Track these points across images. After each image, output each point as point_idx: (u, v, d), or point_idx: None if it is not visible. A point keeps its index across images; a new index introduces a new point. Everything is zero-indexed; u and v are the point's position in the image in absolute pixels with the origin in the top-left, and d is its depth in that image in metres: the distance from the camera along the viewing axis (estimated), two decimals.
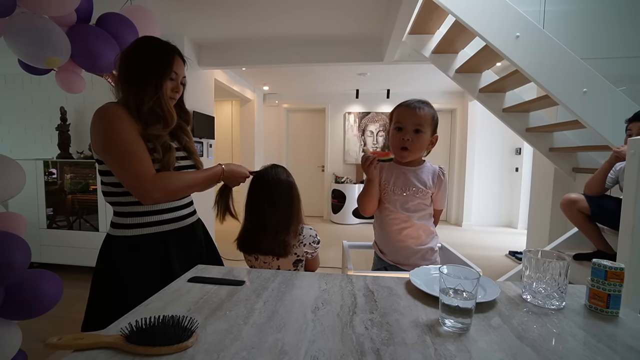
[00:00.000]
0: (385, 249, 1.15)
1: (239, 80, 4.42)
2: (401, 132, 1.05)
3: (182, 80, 0.99)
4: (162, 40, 0.97)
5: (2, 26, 1.27)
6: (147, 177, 0.87)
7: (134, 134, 0.88)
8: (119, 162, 0.87)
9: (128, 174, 0.87)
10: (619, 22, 2.50)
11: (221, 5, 2.44)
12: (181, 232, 1.02)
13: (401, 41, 2.58)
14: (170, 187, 0.91)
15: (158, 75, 0.92)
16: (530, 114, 2.60)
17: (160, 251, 0.96)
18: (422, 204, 1.10)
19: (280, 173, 1.14)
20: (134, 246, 0.93)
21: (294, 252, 1.12)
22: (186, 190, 0.98)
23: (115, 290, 0.92)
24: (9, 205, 2.78)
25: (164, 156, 0.92)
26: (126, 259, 0.93)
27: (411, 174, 1.10)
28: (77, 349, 0.49)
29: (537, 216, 3.07)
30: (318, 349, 0.50)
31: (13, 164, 1.32)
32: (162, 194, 0.90)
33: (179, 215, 1.01)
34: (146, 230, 0.94)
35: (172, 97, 0.97)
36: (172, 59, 0.95)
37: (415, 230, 1.10)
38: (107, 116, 0.88)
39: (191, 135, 1.12)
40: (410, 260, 1.10)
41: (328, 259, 3.29)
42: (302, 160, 5.79)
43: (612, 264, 0.63)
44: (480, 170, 5.04)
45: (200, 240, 1.10)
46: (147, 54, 0.93)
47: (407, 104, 1.07)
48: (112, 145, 0.87)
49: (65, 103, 3.20)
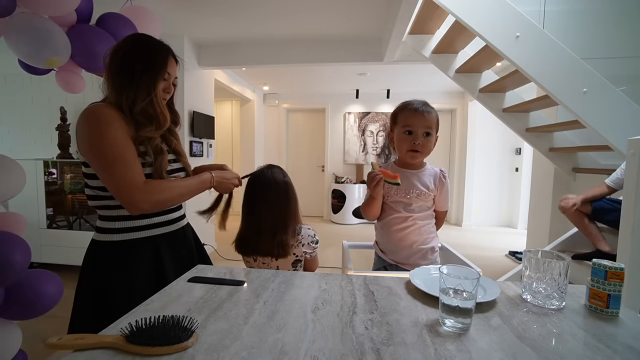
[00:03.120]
0: (386, 249, 1.16)
1: (239, 80, 4.42)
2: (411, 136, 1.07)
3: (173, 81, 0.96)
4: (156, 39, 0.94)
5: (2, 26, 1.27)
6: (135, 186, 0.82)
7: (124, 137, 0.83)
8: (106, 168, 0.82)
9: (115, 181, 0.82)
10: (619, 22, 2.50)
11: (221, 6, 2.44)
12: (172, 235, 0.98)
13: (401, 41, 2.58)
14: (160, 197, 0.86)
15: (152, 75, 0.88)
16: (530, 114, 2.60)
17: (152, 256, 0.92)
18: (424, 205, 1.12)
19: (276, 173, 1.14)
20: (124, 251, 0.89)
21: (293, 252, 1.12)
22: (176, 199, 0.93)
23: (100, 300, 0.87)
24: (9, 205, 2.78)
25: (156, 159, 0.88)
26: (114, 265, 0.88)
27: (414, 176, 1.12)
28: (77, 349, 0.49)
29: (537, 216, 3.07)
30: (318, 349, 0.50)
31: (13, 164, 1.32)
32: (150, 204, 0.86)
33: (170, 218, 0.98)
34: (136, 235, 0.90)
35: (163, 98, 0.94)
36: (167, 59, 0.92)
37: (416, 231, 1.11)
38: (95, 117, 0.83)
39: (179, 137, 1.08)
40: (411, 260, 1.11)
41: (328, 259, 3.29)
42: (302, 160, 5.79)
43: (612, 264, 0.63)
44: (480, 170, 5.04)
45: (190, 244, 1.06)
46: (142, 52, 0.89)
47: (414, 107, 1.07)
48: (99, 150, 0.81)
49: (65, 103, 3.20)
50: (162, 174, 0.89)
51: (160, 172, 0.89)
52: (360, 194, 5.16)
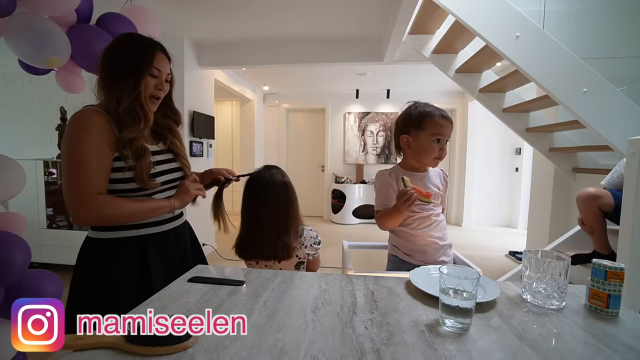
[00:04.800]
0: (412, 251, 1.13)
1: (239, 80, 4.42)
2: (439, 144, 1.09)
3: (167, 78, 0.94)
4: (145, 37, 0.92)
5: (2, 26, 1.27)
6: (83, 198, 0.82)
7: (98, 146, 0.83)
8: (66, 174, 0.83)
9: (68, 189, 0.82)
10: (619, 22, 2.50)
11: (221, 6, 2.44)
12: (162, 236, 0.96)
13: (401, 41, 2.58)
14: (104, 214, 0.85)
15: (136, 72, 0.87)
16: (530, 114, 2.60)
17: (139, 255, 0.91)
18: (437, 204, 1.15)
19: (275, 174, 1.13)
20: (112, 249, 0.89)
21: (296, 254, 1.11)
22: (122, 218, 0.90)
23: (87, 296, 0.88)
24: (9, 205, 2.78)
25: (137, 162, 0.87)
26: (103, 262, 0.89)
27: (425, 179, 1.15)
28: (77, 349, 0.50)
29: (537, 216, 3.07)
30: (318, 349, 0.50)
31: (13, 164, 1.32)
32: (94, 219, 0.86)
33: (161, 218, 0.96)
34: (124, 234, 0.90)
35: (155, 96, 0.92)
36: (152, 54, 0.89)
37: (437, 227, 1.13)
38: (74, 124, 0.83)
39: (181, 137, 1.06)
40: (435, 257, 1.12)
41: (328, 259, 3.29)
42: (302, 160, 5.79)
43: (612, 264, 0.63)
44: (480, 170, 5.04)
45: (185, 245, 1.04)
46: (128, 51, 0.88)
47: (443, 115, 1.09)
48: (66, 156, 0.83)
49: (65, 103, 3.20)
50: (143, 177, 0.88)
51: (141, 175, 0.87)
52: (360, 194, 5.16)
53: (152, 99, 0.92)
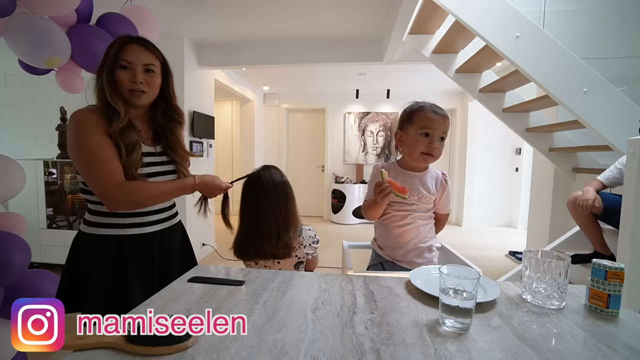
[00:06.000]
0: (384, 245, 1.17)
1: (239, 80, 4.42)
2: (428, 139, 1.05)
3: (146, 68, 0.91)
4: (126, 35, 0.94)
5: (2, 26, 1.27)
6: (110, 186, 0.85)
7: (102, 139, 0.86)
8: (85, 169, 0.87)
9: (93, 181, 0.87)
10: (619, 22, 2.50)
11: (221, 6, 2.44)
12: (142, 237, 0.96)
13: (401, 41, 2.58)
14: (134, 198, 0.89)
15: (104, 67, 0.89)
16: (530, 114, 2.60)
17: (117, 255, 0.92)
18: (424, 207, 1.12)
19: (274, 174, 1.14)
20: (94, 244, 0.92)
21: (295, 254, 1.12)
22: (152, 200, 0.94)
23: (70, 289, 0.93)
24: (9, 205, 2.78)
25: (127, 156, 0.89)
26: (86, 255, 0.93)
27: (417, 179, 1.12)
28: (77, 349, 0.50)
29: (537, 216, 3.07)
30: (318, 349, 0.50)
31: (13, 164, 1.32)
32: (125, 203, 0.90)
33: (144, 221, 0.96)
34: (105, 231, 0.92)
35: (134, 89, 0.90)
36: (119, 47, 0.89)
37: (415, 229, 1.11)
38: (75, 122, 0.87)
39: (181, 139, 1.04)
40: (407, 257, 1.12)
41: (328, 259, 3.29)
42: (302, 160, 5.79)
43: (612, 264, 0.63)
44: (480, 170, 5.04)
45: (170, 248, 1.02)
46: (106, 50, 0.91)
47: (434, 109, 1.06)
48: (79, 152, 0.86)
49: (65, 103, 3.20)
50: (132, 171, 0.89)
51: (130, 169, 0.89)
52: (360, 194, 5.16)
53: (133, 93, 0.90)
